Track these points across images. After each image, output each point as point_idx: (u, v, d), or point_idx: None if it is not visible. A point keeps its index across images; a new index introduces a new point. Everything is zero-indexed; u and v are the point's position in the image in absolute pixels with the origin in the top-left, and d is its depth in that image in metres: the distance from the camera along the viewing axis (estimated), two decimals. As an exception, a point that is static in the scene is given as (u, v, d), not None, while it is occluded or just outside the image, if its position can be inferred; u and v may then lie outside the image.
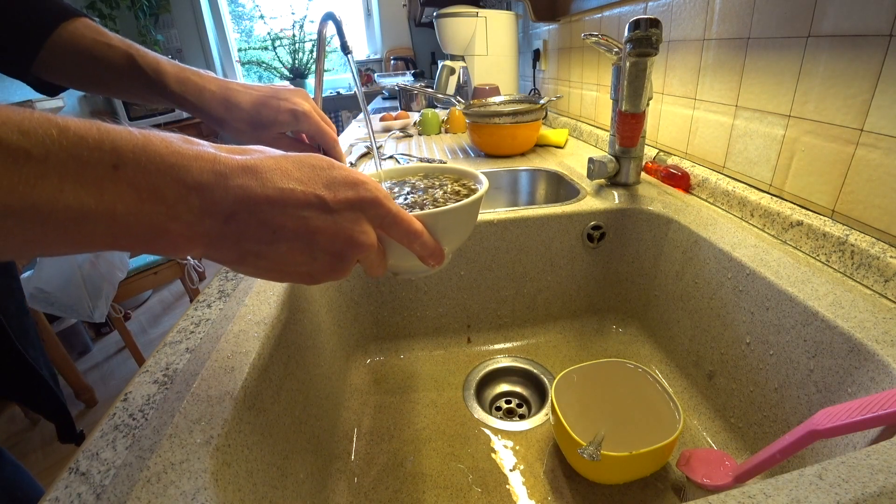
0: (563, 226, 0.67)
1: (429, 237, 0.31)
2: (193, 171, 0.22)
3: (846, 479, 0.23)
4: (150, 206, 0.21)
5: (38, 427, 1.66)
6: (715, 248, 0.53)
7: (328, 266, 0.27)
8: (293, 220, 0.25)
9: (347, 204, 0.26)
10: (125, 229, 0.21)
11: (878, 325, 0.36)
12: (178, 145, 0.23)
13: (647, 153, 0.78)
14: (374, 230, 0.28)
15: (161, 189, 0.22)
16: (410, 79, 2.61)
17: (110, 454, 0.28)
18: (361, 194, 0.27)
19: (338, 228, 0.26)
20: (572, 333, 0.71)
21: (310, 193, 0.25)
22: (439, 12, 1.49)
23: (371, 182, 0.28)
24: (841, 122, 0.45)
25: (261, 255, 0.25)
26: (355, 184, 0.27)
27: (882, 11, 0.40)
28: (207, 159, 0.23)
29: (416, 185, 0.43)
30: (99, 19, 2.76)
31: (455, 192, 0.40)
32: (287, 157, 0.26)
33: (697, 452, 0.46)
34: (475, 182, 0.41)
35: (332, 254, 0.27)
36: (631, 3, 0.82)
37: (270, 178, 0.25)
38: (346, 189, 0.27)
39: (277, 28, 3.37)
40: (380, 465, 0.51)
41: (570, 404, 0.48)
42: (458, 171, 0.44)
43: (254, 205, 0.24)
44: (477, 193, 0.36)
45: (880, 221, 0.42)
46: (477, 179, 0.41)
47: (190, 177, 0.22)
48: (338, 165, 0.27)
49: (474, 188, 0.40)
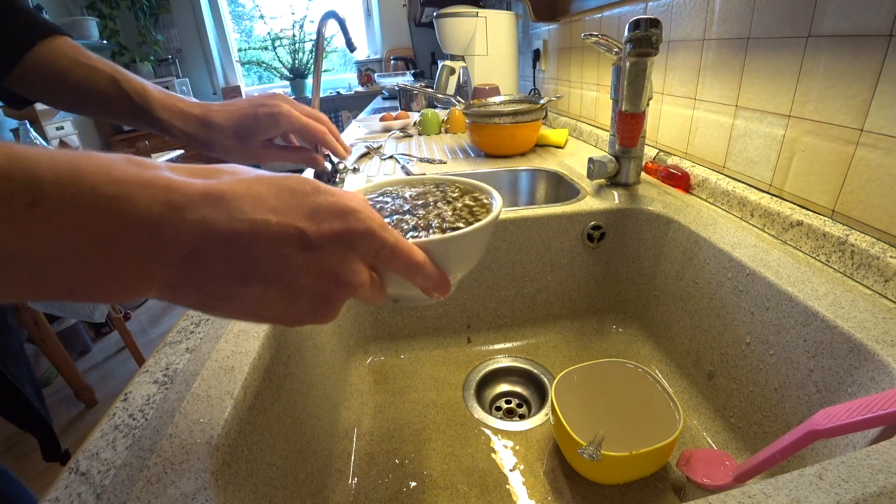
0: (563, 226, 0.67)
1: (432, 268, 0.28)
2: (139, 202, 0.18)
3: (846, 479, 0.23)
4: (84, 250, 0.17)
5: (37, 427, 1.65)
6: (715, 248, 0.53)
7: (311, 309, 0.24)
8: (268, 258, 0.21)
9: (334, 238, 0.23)
10: (55, 277, 0.17)
11: (878, 325, 0.36)
12: (120, 170, 0.19)
13: (647, 153, 0.78)
14: (366, 266, 0.25)
15: (96, 228, 0.17)
16: (410, 79, 2.61)
17: (110, 454, 0.28)
18: (351, 225, 0.23)
19: (322, 267, 0.23)
20: (572, 333, 0.71)
21: (288, 226, 0.22)
22: (439, 12, 1.49)
23: (363, 210, 0.24)
24: (841, 122, 0.45)
25: (230, 299, 0.22)
26: (344, 213, 0.23)
27: (882, 11, 0.40)
28: (159, 186, 0.19)
29: (418, 200, 0.38)
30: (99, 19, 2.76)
31: (466, 209, 0.35)
32: (263, 178, 0.23)
33: (697, 452, 0.46)
34: (488, 197, 0.36)
35: (316, 295, 0.23)
36: (631, 3, 0.82)
37: (240, 206, 0.21)
38: (332, 219, 0.23)
39: (277, 28, 3.37)
40: (380, 465, 0.51)
41: (570, 404, 0.48)
42: (468, 184, 0.39)
43: (218, 241, 0.20)
44: (491, 214, 0.31)
45: (880, 221, 0.42)
46: (489, 194, 0.36)
47: (134, 210, 0.18)
48: (324, 189, 0.24)
49: (487, 204, 0.35)
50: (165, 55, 3.19)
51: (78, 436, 1.62)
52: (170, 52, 3.23)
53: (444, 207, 0.35)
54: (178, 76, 3.18)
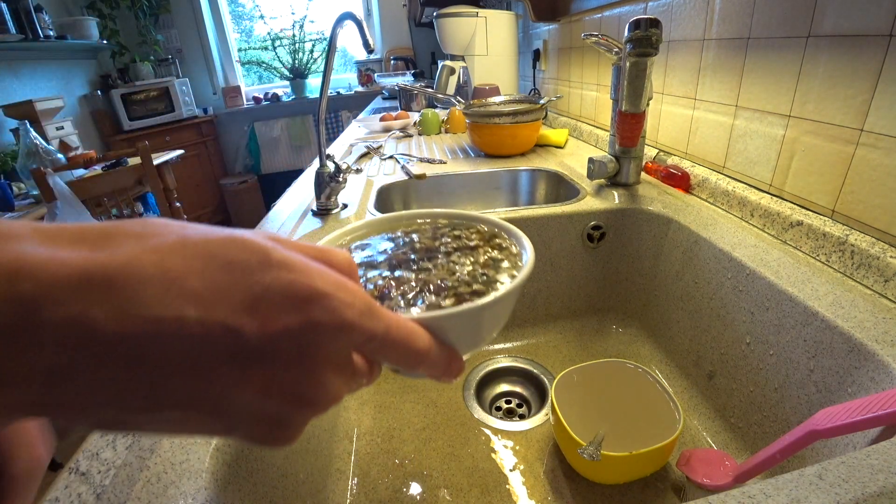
0: (563, 226, 0.67)
1: (439, 354, 0.20)
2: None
3: (846, 479, 0.23)
4: None
5: (38, 427, 1.65)
6: (715, 248, 0.53)
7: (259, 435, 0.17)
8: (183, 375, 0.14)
9: (288, 339, 0.15)
10: None
11: (878, 325, 0.36)
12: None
13: (647, 153, 0.78)
14: (342, 368, 0.18)
15: None
16: (410, 79, 2.61)
17: (110, 454, 0.28)
18: (314, 319, 0.16)
19: (270, 382, 0.16)
20: (572, 333, 0.71)
21: (215, 325, 0.14)
22: (439, 12, 1.49)
23: (336, 293, 0.16)
24: (841, 122, 0.45)
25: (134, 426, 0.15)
26: (305, 299, 0.16)
27: (882, 11, 0.40)
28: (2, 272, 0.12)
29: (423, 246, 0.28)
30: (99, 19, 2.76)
31: (488, 262, 0.26)
32: (187, 244, 0.15)
33: (697, 452, 0.46)
34: (516, 243, 0.28)
35: (263, 420, 0.16)
36: (631, 3, 0.82)
37: (139, 295, 0.14)
38: (285, 311, 0.15)
39: (277, 28, 3.37)
40: (380, 465, 0.51)
41: (570, 404, 0.48)
42: (490, 224, 0.30)
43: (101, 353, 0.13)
44: (522, 272, 0.24)
45: (880, 221, 0.42)
46: (518, 240, 0.28)
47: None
48: (277, 260, 0.16)
49: (515, 253, 0.27)
50: (165, 55, 3.18)
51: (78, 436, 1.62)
52: (170, 52, 3.23)
53: (459, 260, 0.27)
54: (178, 76, 3.17)
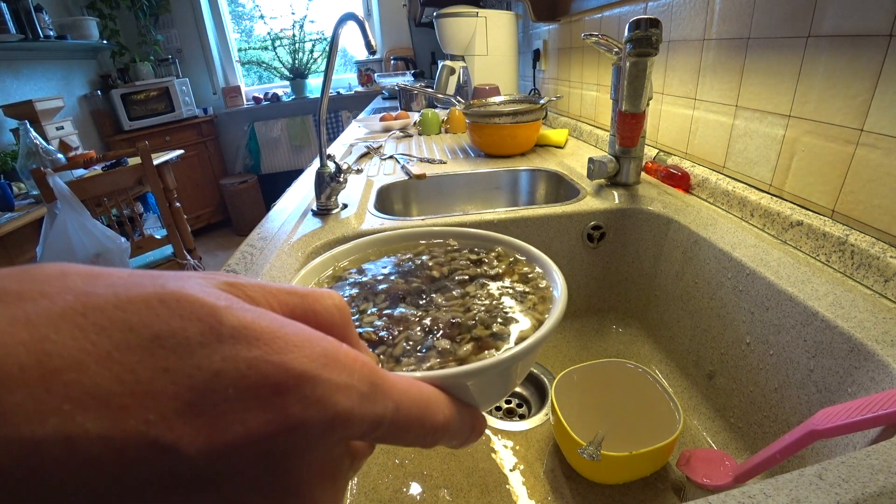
0: (563, 226, 0.67)
1: (460, 422, 0.16)
2: None
3: (846, 479, 0.23)
4: None
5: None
6: (715, 248, 0.53)
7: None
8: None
9: (253, 451, 0.11)
10: None
11: (878, 325, 0.36)
12: None
13: (647, 153, 0.78)
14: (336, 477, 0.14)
15: None
16: (410, 79, 2.61)
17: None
18: (292, 417, 0.11)
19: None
20: (572, 333, 0.71)
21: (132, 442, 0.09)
22: (439, 12, 1.49)
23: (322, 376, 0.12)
24: (841, 122, 0.45)
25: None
26: (276, 389, 0.11)
27: (882, 11, 0.40)
28: None
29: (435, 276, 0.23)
30: (99, 19, 2.76)
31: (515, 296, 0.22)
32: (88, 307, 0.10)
33: (697, 452, 0.46)
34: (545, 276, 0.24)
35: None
36: (631, 3, 0.82)
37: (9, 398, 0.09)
38: (246, 410, 0.11)
39: (277, 28, 3.37)
40: (380, 466, 0.51)
41: (570, 404, 0.48)
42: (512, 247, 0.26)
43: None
44: (556, 310, 0.20)
45: (880, 221, 0.42)
46: (548, 271, 0.24)
47: None
48: (231, 328, 0.11)
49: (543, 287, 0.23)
50: (165, 55, 3.18)
51: None
52: (170, 52, 3.23)
53: (476, 292, 0.22)
54: (178, 76, 3.17)
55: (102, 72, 3.01)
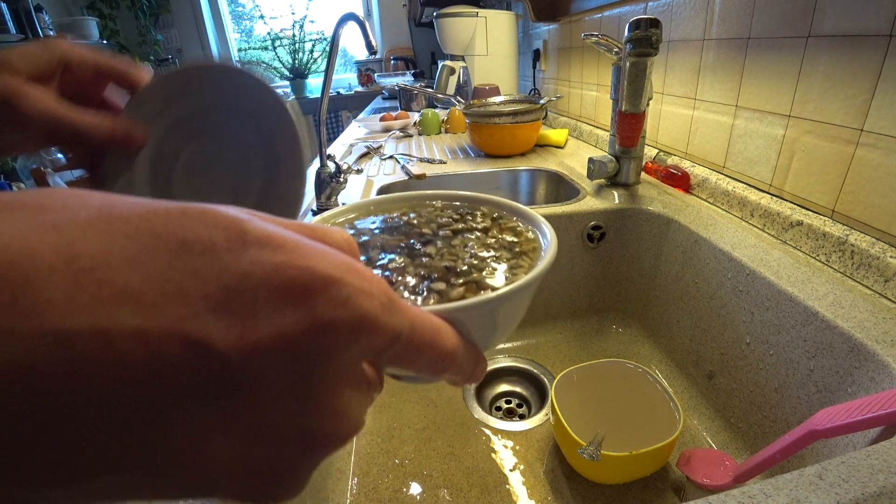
0: (563, 226, 0.67)
1: (466, 354, 0.16)
2: None
3: (846, 479, 0.23)
4: None
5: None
6: (715, 248, 0.53)
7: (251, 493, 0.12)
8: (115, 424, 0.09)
9: (285, 351, 0.11)
10: None
11: (878, 325, 0.36)
12: None
13: (647, 153, 0.78)
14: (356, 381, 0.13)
15: None
16: (410, 79, 2.61)
17: (110, 454, 0.28)
18: (321, 316, 0.11)
19: (260, 423, 0.11)
20: (572, 333, 0.71)
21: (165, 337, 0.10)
22: (439, 12, 1.49)
23: (347, 280, 0.12)
24: (841, 122, 0.45)
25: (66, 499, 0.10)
26: (305, 289, 0.11)
27: (882, 11, 0.40)
28: None
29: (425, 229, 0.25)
30: (99, 19, 2.76)
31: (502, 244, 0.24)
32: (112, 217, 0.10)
33: (697, 452, 0.46)
34: (532, 227, 0.25)
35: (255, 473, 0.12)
36: (631, 3, 0.82)
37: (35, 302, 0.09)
38: (277, 308, 0.11)
39: (277, 28, 3.37)
40: (380, 465, 0.51)
41: (570, 404, 0.48)
42: (497, 205, 0.27)
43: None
44: (548, 251, 0.21)
45: (880, 221, 0.42)
46: (536, 223, 0.25)
47: None
48: (256, 237, 0.11)
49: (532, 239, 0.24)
50: (165, 55, 3.18)
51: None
52: (170, 52, 3.23)
53: (467, 242, 0.24)
54: (178, 76, 3.18)
55: (102, 72, 3.01)
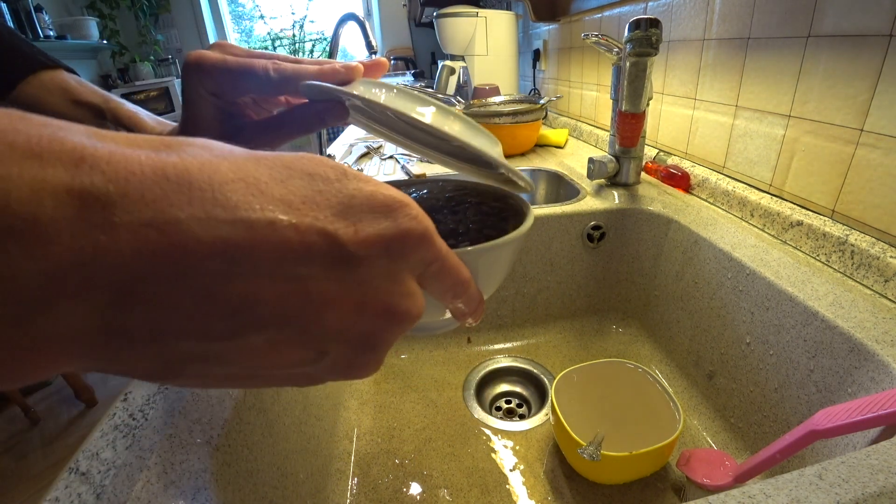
0: (563, 226, 0.67)
1: (476, 288, 0.20)
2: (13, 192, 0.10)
3: (846, 479, 0.23)
4: None
5: (38, 427, 1.65)
6: (715, 248, 0.53)
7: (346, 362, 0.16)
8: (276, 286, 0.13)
9: (382, 245, 0.15)
10: None
11: (878, 325, 0.36)
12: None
13: (647, 153, 0.78)
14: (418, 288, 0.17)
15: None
16: (410, 79, 2.61)
17: (110, 454, 0.28)
18: (403, 226, 0.16)
19: (365, 295, 0.15)
20: (572, 333, 0.71)
21: (310, 229, 0.14)
22: (439, 12, 1.49)
23: (413, 203, 0.16)
24: (841, 122, 0.45)
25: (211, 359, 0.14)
26: (390, 207, 0.16)
27: (882, 11, 0.40)
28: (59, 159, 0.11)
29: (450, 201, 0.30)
30: (99, 19, 2.76)
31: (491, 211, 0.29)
32: (260, 157, 0.15)
33: (697, 452, 0.46)
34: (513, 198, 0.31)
35: (355, 341, 0.16)
36: (631, 3, 0.82)
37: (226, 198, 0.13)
38: (375, 217, 0.15)
39: (277, 28, 3.37)
40: (380, 465, 0.51)
41: (570, 404, 0.48)
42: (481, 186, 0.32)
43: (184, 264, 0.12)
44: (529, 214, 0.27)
45: (880, 221, 0.42)
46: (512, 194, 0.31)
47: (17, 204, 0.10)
48: (353, 174, 0.16)
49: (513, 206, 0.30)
50: (165, 55, 3.18)
51: (78, 436, 1.62)
52: (170, 52, 3.23)
53: (461, 208, 0.30)
54: (179, 76, 3.17)
55: (102, 72, 3.01)
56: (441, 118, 0.23)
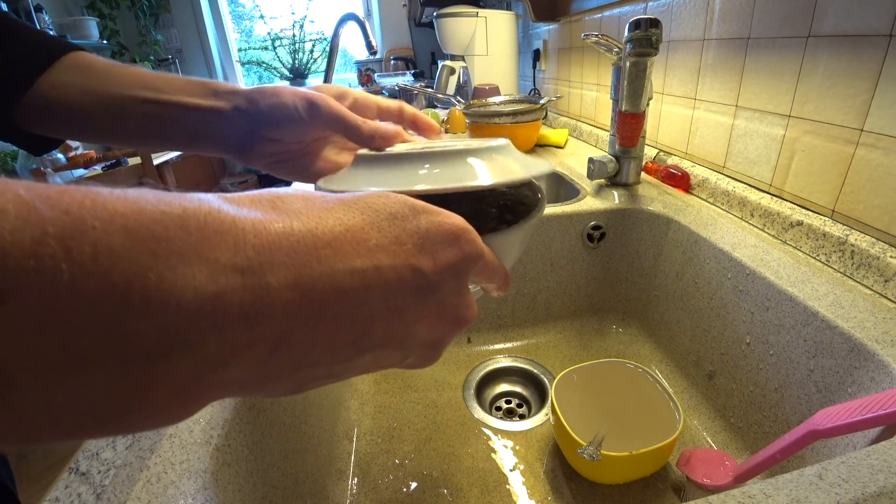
0: (563, 226, 0.67)
1: (502, 269, 0.23)
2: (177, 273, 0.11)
3: (846, 479, 0.23)
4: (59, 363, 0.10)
5: (38, 427, 1.65)
6: (715, 248, 0.53)
7: (420, 360, 0.20)
8: (383, 317, 0.17)
9: (450, 271, 0.18)
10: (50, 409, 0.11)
11: (878, 325, 0.36)
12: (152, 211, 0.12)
13: (647, 153, 0.78)
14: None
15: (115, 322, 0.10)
16: (410, 79, 2.61)
17: (110, 454, 0.28)
18: (466, 251, 0.19)
19: (441, 310, 0.19)
20: (572, 333, 0.71)
21: (403, 267, 0.17)
22: (439, 12, 1.49)
23: (470, 228, 0.19)
24: (841, 122, 0.45)
25: (331, 376, 0.17)
26: (455, 236, 0.18)
27: (882, 11, 0.40)
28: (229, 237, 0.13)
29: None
30: (99, 19, 2.76)
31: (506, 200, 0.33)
32: (347, 203, 0.17)
33: (697, 452, 0.46)
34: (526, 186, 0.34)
35: (429, 344, 0.20)
36: (631, 3, 0.82)
37: (342, 252, 0.15)
38: (446, 247, 0.18)
39: (277, 28, 3.37)
40: (380, 465, 0.51)
41: (570, 404, 0.48)
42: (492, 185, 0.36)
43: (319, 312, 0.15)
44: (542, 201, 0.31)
45: (880, 221, 0.42)
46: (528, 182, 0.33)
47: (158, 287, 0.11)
48: (420, 207, 0.18)
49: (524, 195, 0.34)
50: (165, 55, 3.19)
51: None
52: (170, 52, 3.23)
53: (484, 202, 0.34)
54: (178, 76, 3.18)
55: (102, 72, 3.01)
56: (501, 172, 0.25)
